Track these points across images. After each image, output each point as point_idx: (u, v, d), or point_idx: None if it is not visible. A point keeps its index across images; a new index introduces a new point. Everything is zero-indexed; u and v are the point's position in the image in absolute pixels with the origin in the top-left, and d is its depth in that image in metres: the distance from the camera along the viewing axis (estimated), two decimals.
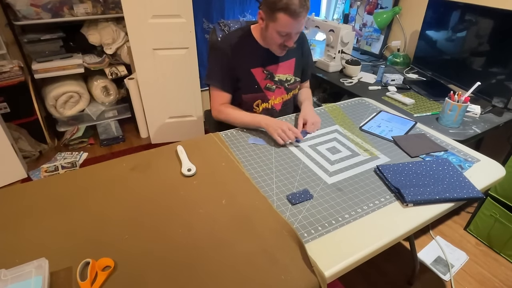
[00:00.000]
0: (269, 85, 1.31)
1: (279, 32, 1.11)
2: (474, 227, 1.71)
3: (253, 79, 1.28)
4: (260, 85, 1.30)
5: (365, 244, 0.74)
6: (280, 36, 1.13)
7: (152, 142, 2.47)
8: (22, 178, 2.04)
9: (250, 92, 1.30)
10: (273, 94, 1.33)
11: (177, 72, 2.22)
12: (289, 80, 1.35)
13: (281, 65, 1.31)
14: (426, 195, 0.86)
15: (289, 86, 1.36)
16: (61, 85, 2.25)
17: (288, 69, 1.33)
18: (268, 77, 1.30)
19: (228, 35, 1.30)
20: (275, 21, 1.09)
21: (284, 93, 1.36)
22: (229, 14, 2.41)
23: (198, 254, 0.71)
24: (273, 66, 1.30)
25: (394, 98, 1.65)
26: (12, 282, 0.61)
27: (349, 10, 2.49)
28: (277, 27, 1.10)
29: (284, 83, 1.34)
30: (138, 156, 1.05)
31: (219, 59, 1.25)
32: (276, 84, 1.32)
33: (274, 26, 1.11)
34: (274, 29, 1.12)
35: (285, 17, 1.06)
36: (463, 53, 1.64)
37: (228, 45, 1.23)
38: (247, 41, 1.25)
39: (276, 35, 1.13)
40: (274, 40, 1.15)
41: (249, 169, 0.99)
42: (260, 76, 1.29)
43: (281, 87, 1.34)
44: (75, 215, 0.81)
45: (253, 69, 1.27)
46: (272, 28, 1.12)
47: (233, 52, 1.23)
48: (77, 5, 2.10)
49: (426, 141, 1.14)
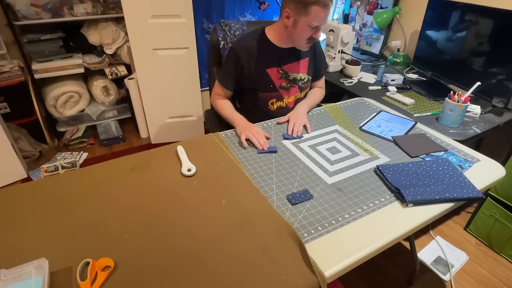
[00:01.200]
0: (284, 84, 1.34)
1: (310, 25, 1.15)
2: (474, 227, 1.71)
3: (268, 79, 1.31)
4: (275, 85, 1.33)
5: (365, 244, 0.74)
6: (310, 29, 1.17)
7: (152, 142, 2.47)
8: (22, 178, 2.04)
9: (266, 91, 1.34)
10: (288, 93, 1.37)
11: (177, 72, 2.22)
12: (303, 79, 1.38)
13: (295, 64, 1.34)
14: (426, 195, 0.86)
15: (302, 85, 1.39)
16: (61, 85, 2.25)
17: (302, 68, 1.36)
18: (283, 76, 1.33)
19: (242, 38, 1.34)
20: (308, 14, 1.12)
21: (298, 92, 1.39)
22: (229, 14, 2.41)
23: (198, 254, 0.71)
24: (288, 65, 1.33)
25: (394, 98, 1.65)
26: (12, 282, 0.61)
27: (349, 10, 2.49)
28: (309, 21, 1.14)
29: (298, 82, 1.37)
30: (138, 156, 1.05)
31: (228, 59, 1.31)
32: (291, 83, 1.35)
33: (306, 20, 1.14)
34: (305, 23, 1.15)
35: (317, 9, 1.11)
36: (463, 53, 1.64)
37: (239, 46, 1.28)
38: (262, 42, 1.29)
39: (307, 29, 1.17)
40: (303, 34, 1.19)
41: (249, 169, 0.99)
42: (275, 76, 1.32)
43: (295, 86, 1.37)
44: (75, 215, 0.81)
45: (269, 69, 1.30)
46: (303, 22, 1.15)
47: (247, 53, 1.27)
48: (77, 5, 2.10)
49: (426, 141, 1.14)
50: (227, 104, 1.33)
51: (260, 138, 1.10)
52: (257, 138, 1.10)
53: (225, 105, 1.32)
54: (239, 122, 1.20)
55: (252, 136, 1.10)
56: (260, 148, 1.08)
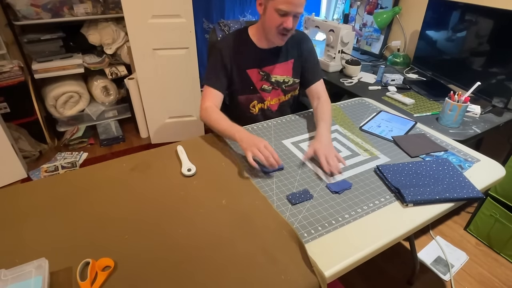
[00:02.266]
0: (265, 86, 1.31)
1: (277, 10, 1.08)
2: (474, 227, 1.71)
3: (248, 80, 1.28)
4: (256, 86, 1.30)
5: (365, 244, 0.74)
6: (278, 16, 1.10)
7: (152, 142, 2.47)
8: (22, 178, 2.04)
9: (246, 93, 1.30)
10: (269, 95, 1.33)
11: (177, 72, 2.22)
12: (287, 82, 1.34)
13: (278, 66, 1.30)
14: (426, 195, 0.86)
15: (286, 88, 1.35)
16: (61, 85, 2.25)
17: (286, 70, 1.32)
18: (264, 78, 1.29)
19: (226, 36, 1.30)
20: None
21: (281, 95, 1.35)
22: (229, 14, 2.41)
23: (198, 254, 0.71)
24: (269, 67, 1.29)
25: (394, 98, 1.65)
26: (12, 282, 0.61)
27: (349, 10, 2.49)
28: (275, 4, 1.08)
29: (281, 85, 1.33)
30: (138, 156, 1.05)
31: (214, 58, 1.24)
32: (273, 85, 1.32)
33: (273, 4, 1.09)
34: (273, 8, 1.09)
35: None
36: (463, 53, 1.64)
37: (225, 45, 1.23)
38: (243, 41, 1.25)
39: (275, 15, 1.10)
40: (272, 21, 1.12)
41: (249, 169, 0.99)
42: (256, 77, 1.28)
43: (278, 89, 1.33)
44: (75, 215, 0.81)
45: (249, 70, 1.27)
46: (271, 7, 1.10)
47: (229, 53, 1.22)
48: (77, 5, 2.11)
49: (426, 141, 1.14)
50: (222, 116, 1.13)
51: (270, 156, 0.94)
52: (266, 156, 0.94)
53: (219, 117, 1.12)
54: (241, 135, 1.02)
55: (259, 154, 0.95)
56: (270, 168, 0.96)
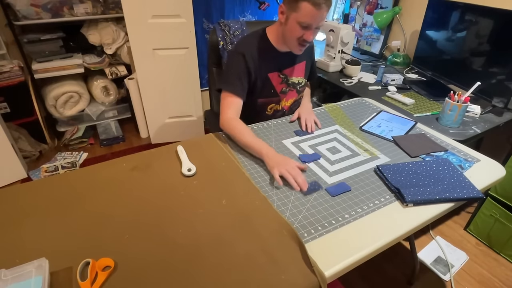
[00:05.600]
0: (284, 88, 1.32)
1: (300, 23, 1.09)
2: (474, 227, 1.71)
3: (269, 84, 1.28)
4: (276, 90, 1.30)
5: (365, 244, 0.74)
6: (300, 28, 1.11)
7: (152, 142, 2.47)
8: (22, 178, 2.04)
9: (266, 96, 1.30)
10: (286, 97, 1.35)
11: (177, 72, 2.22)
12: (301, 83, 1.36)
13: (294, 68, 1.32)
14: (426, 195, 0.86)
15: (300, 89, 1.38)
16: (61, 85, 2.25)
17: (300, 71, 1.35)
18: (283, 81, 1.30)
19: (244, 40, 1.28)
20: (297, 10, 1.08)
21: (296, 95, 1.38)
22: (229, 14, 2.41)
23: (198, 254, 0.71)
24: (288, 69, 1.30)
25: (394, 98, 1.65)
26: (12, 282, 0.61)
27: (349, 10, 2.49)
28: (298, 17, 1.09)
29: (296, 86, 1.35)
30: (138, 156, 1.05)
31: (236, 63, 1.21)
32: (290, 87, 1.33)
33: (296, 16, 1.09)
34: (295, 20, 1.10)
35: (307, 6, 1.06)
36: (463, 53, 1.64)
37: (247, 50, 1.20)
38: (263, 45, 1.23)
39: (297, 27, 1.11)
40: (293, 33, 1.13)
41: (249, 169, 0.99)
42: (276, 81, 1.29)
43: (294, 90, 1.35)
44: (75, 215, 0.81)
45: (270, 73, 1.26)
46: (293, 19, 1.10)
47: (253, 57, 1.20)
48: (77, 5, 2.10)
49: (426, 141, 1.14)
50: (246, 129, 1.11)
51: (298, 176, 0.91)
52: (294, 176, 0.91)
53: (244, 130, 1.10)
54: (268, 154, 0.99)
55: (288, 174, 0.92)
56: (298, 190, 0.90)
